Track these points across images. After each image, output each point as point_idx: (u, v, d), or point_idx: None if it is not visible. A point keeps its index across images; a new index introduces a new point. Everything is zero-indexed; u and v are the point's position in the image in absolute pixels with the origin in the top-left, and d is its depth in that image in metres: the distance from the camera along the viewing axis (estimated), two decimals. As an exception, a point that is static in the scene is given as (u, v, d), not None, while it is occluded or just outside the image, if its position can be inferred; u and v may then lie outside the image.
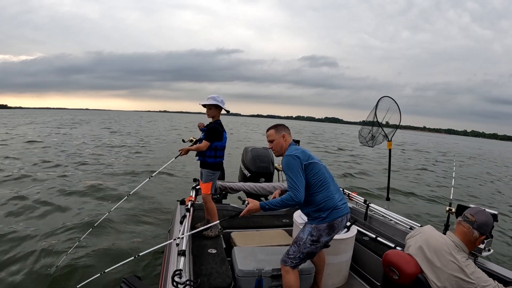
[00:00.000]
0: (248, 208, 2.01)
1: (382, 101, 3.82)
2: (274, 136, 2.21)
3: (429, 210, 7.11)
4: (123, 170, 9.05)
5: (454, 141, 69.63)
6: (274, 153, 2.27)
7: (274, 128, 2.25)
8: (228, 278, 2.13)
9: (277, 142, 2.21)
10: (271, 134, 2.23)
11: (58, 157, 10.74)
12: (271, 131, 2.24)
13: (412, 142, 41.32)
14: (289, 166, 2.00)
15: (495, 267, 2.07)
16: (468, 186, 11.05)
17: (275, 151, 2.24)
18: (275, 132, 2.22)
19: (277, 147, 2.22)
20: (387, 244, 2.76)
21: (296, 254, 2.05)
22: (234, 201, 4.00)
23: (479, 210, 1.75)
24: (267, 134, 2.25)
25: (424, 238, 1.80)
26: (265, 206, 1.98)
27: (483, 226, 1.68)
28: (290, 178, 1.97)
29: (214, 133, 2.79)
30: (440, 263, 1.66)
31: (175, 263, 1.84)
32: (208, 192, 2.88)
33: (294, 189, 1.94)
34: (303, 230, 2.07)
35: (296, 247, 2.06)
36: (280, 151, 2.22)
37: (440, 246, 1.69)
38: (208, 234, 2.79)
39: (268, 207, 1.97)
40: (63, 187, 6.71)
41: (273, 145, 2.22)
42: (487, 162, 21.78)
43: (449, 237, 1.72)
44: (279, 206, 1.95)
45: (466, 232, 1.68)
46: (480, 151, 38.18)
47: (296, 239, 2.08)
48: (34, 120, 38.03)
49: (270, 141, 2.23)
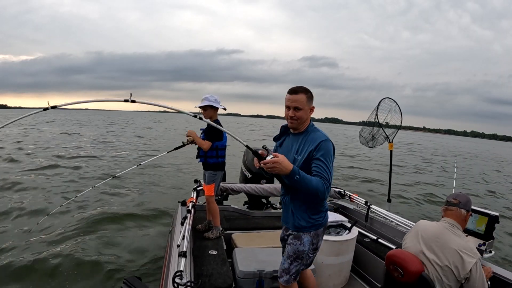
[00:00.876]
0: (277, 159, 1.48)
1: (383, 102, 3.82)
2: (304, 104, 1.68)
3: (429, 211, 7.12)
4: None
5: (456, 142, 69.56)
6: (290, 124, 1.74)
7: (305, 93, 1.69)
8: (229, 279, 2.13)
9: (304, 113, 1.70)
10: (300, 100, 1.67)
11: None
12: (302, 95, 1.68)
13: (416, 143, 41.29)
14: (330, 153, 1.64)
15: (496, 269, 2.07)
16: (468, 186, 11.06)
17: (293, 123, 1.72)
18: (306, 99, 1.69)
19: (302, 120, 1.71)
20: (388, 246, 2.75)
21: (298, 268, 1.80)
22: (235, 202, 4.00)
23: (458, 194, 1.96)
24: (294, 98, 1.68)
25: (421, 228, 1.91)
26: (296, 173, 1.49)
27: (466, 204, 1.88)
28: (327, 166, 1.59)
29: (214, 132, 2.77)
30: (441, 243, 1.75)
31: (176, 264, 1.84)
32: (212, 194, 2.86)
33: (328, 181, 1.58)
34: (302, 243, 1.75)
35: (298, 262, 1.78)
36: (299, 126, 1.74)
37: (439, 229, 1.82)
38: (209, 236, 2.79)
39: (298, 177, 1.50)
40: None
41: (297, 115, 1.68)
42: (493, 162, 21.70)
43: (443, 221, 1.87)
44: (310, 187, 1.53)
45: (455, 213, 1.86)
46: (488, 152, 38.14)
47: (295, 254, 1.77)
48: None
49: (295, 108, 1.67)
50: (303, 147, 1.70)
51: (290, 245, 1.79)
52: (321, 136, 1.68)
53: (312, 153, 1.64)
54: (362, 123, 4.17)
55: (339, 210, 3.74)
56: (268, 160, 1.51)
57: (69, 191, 6.50)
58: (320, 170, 1.59)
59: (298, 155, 1.71)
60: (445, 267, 1.70)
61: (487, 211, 2.28)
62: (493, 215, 2.26)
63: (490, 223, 2.26)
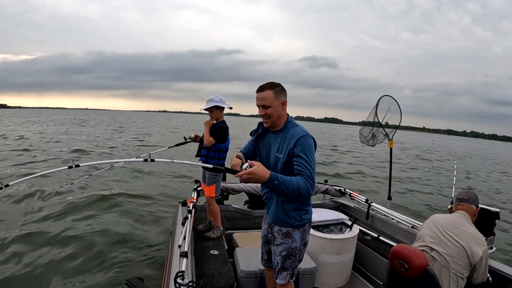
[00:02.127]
0: (252, 170, 1.48)
1: (382, 100, 3.82)
2: (272, 101, 1.63)
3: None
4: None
5: (458, 142, 69.64)
6: (265, 123, 1.71)
7: (271, 88, 1.64)
8: (231, 279, 2.13)
9: (275, 110, 1.65)
10: (267, 97, 1.63)
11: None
12: (268, 92, 1.63)
13: (416, 143, 41.31)
14: (310, 148, 1.59)
15: (497, 265, 2.07)
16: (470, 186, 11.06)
17: (267, 122, 1.69)
18: (273, 95, 1.64)
19: (274, 117, 1.66)
20: (389, 243, 2.75)
21: (293, 264, 1.77)
22: (236, 202, 4.00)
23: (467, 191, 2.14)
24: (260, 96, 1.65)
25: (436, 218, 2.03)
26: (274, 179, 1.49)
27: (476, 199, 2.06)
28: (308, 163, 1.55)
29: (222, 133, 2.76)
30: (458, 228, 1.88)
31: (177, 265, 1.84)
32: (213, 195, 2.85)
33: (311, 178, 1.54)
34: (293, 240, 1.71)
35: (292, 259, 1.74)
36: (275, 123, 1.69)
37: (455, 217, 1.96)
38: (210, 235, 2.79)
39: (277, 183, 1.49)
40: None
41: (267, 113, 1.64)
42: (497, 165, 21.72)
43: (457, 213, 2.01)
44: (291, 189, 1.50)
45: (466, 208, 2.01)
46: (485, 151, 38.20)
47: (287, 252, 1.72)
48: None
49: (264, 107, 1.64)
50: (283, 145, 1.65)
51: (281, 244, 1.73)
52: (299, 132, 1.62)
53: (292, 150, 1.60)
54: (362, 123, 4.17)
55: (340, 208, 3.74)
56: (242, 172, 1.50)
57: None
58: (301, 167, 1.55)
59: (279, 153, 1.67)
60: (461, 249, 1.78)
61: (488, 207, 2.29)
62: (493, 211, 2.27)
63: (490, 219, 2.27)
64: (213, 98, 2.77)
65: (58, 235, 4.20)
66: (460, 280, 1.77)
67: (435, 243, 1.87)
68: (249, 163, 1.51)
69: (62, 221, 4.78)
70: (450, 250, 1.80)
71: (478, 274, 1.81)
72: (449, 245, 1.81)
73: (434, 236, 1.90)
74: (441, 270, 1.79)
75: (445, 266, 1.78)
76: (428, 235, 1.94)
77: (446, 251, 1.80)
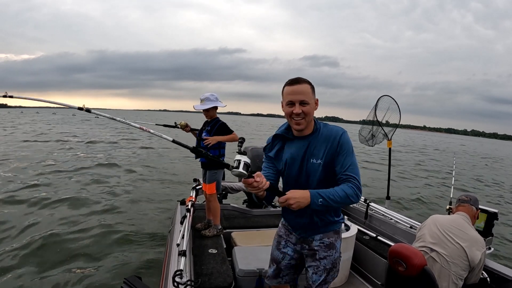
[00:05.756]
0: (288, 196, 1.29)
1: (381, 100, 3.81)
2: (311, 96, 1.40)
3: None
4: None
5: (459, 141, 69.60)
6: (297, 125, 1.41)
7: (308, 82, 1.41)
8: (229, 278, 2.14)
9: (312, 109, 1.41)
10: (307, 91, 1.38)
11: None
12: (306, 86, 1.39)
13: (417, 142, 41.29)
14: (351, 146, 1.40)
15: (495, 265, 2.08)
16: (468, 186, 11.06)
17: (301, 124, 1.40)
18: (311, 90, 1.41)
19: (310, 117, 1.41)
20: (387, 243, 2.76)
21: (334, 276, 1.57)
22: (234, 201, 4.01)
23: (467, 194, 2.16)
24: (299, 89, 1.38)
25: (437, 218, 2.03)
26: (317, 197, 1.28)
27: (476, 202, 2.09)
28: (353, 163, 1.36)
29: (227, 129, 2.77)
30: (459, 228, 1.88)
31: (175, 263, 1.84)
32: (214, 192, 2.84)
33: (358, 180, 1.35)
34: (336, 249, 1.53)
35: (333, 270, 1.55)
36: (307, 125, 1.42)
37: (456, 218, 1.97)
38: (207, 233, 2.80)
39: (321, 201, 1.28)
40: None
41: (305, 111, 1.37)
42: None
43: (457, 214, 2.02)
44: (339, 201, 1.30)
45: (467, 209, 2.03)
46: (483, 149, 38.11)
47: (332, 265, 1.53)
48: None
49: (302, 103, 1.37)
50: (319, 148, 1.42)
51: (325, 258, 1.52)
52: (338, 129, 1.42)
53: (334, 152, 1.38)
54: (362, 121, 4.17)
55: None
56: (283, 198, 1.29)
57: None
58: (346, 169, 1.35)
59: (315, 158, 1.42)
60: (461, 251, 1.78)
61: (486, 208, 2.30)
62: (492, 212, 2.28)
63: (489, 220, 2.28)
64: (209, 97, 2.73)
65: (57, 235, 4.21)
66: (459, 281, 1.78)
67: (436, 244, 1.87)
68: (256, 175, 1.28)
69: (61, 220, 4.79)
70: (451, 251, 1.80)
71: (472, 275, 1.83)
72: (449, 246, 1.82)
73: (435, 236, 1.90)
74: (441, 271, 1.79)
75: (446, 268, 1.78)
76: (428, 235, 1.94)
77: (447, 252, 1.81)
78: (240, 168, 1.22)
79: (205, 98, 2.74)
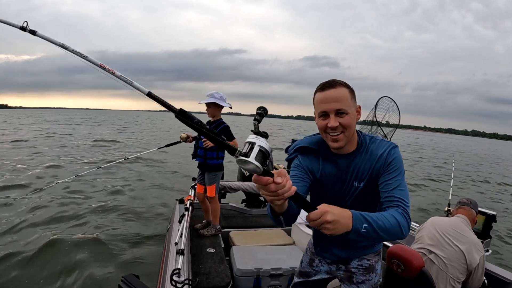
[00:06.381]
0: (326, 209, 0.83)
1: (381, 102, 3.81)
2: (350, 104, 1.09)
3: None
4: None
5: (459, 142, 69.53)
6: (334, 143, 1.11)
7: (346, 86, 1.10)
8: (227, 277, 2.14)
9: (353, 120, 1.10)
10: (344, 97, 1.08)
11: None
12: (343, 90, 1.09)
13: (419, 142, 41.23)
14: (402, 165, 1.12)
15: (493, 268, 2.08)
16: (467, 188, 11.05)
17: (340, 141, 1.10)
18: (350, 95, 1.10)
19: (351, 131, 1.11)
20: (385, 244, 2.75)
21: None
22: (233, 200, 4.01)
23: (468, 198, 2.17)
24: (334, 94, 1.07)
25: (435, 221, 2.03)
26: (362, 222, 0.88)
27: (476, 206, 2.10)
28: (403, 185, 1.08)
29: (229, 132, 2.71)
30: (458, 232, 1.88)
31: (173, 262, 1.84)
32: (213, 195, 2.81)
33: (407, 207, 1.02)
34: (376, 272, 1.35)
35: None
36: (347, 140, 1.12)
37: (455, 221, 1.96)
38: (204, 233, 2.79)
39: (367, 227, 0.89)
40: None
41: (344, 123, 1.08)
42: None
43: (457, 217, 2.01)
44: (387, 231, 0.93)
45: (467, 212, 2.04)
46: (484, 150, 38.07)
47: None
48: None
49: (339, 113, 1.07)
50: (363, 168, 1.15)
51: (364, 282, 1.33)
52: (387, 143, 1.15)
53: (378, 170, 1.12)
54: (362, 122, 4.16)
55: None
56: (315, 217, 0.82)
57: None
58: (396, 192, 1.04)
59: (357, 182, 1.16)
60: (459, 254, 1.78)
61: (485, 210, 2.29)
62: (490, 214, 2.27)
63: (487, 222, 2.28)
64: (213, 94, 2.67)
65: (56, 234, 4.21)
66: (456, 284, 1.78)
67: (434, 246, 1.87)
68: (275, 173, 0.75)
69: (60, 220, 4.80)
70: (449, 254, 1.80)
71: (474, 279, 1.82)
72: (448, 249, 1.81)
73: (433, 238, 1.90)
74: (438, 273, 1.79)
75: (443, 270, 1.78)
76: (427, 238, 1.93)
77: (445, 254, 1.81)
78: (251, 157, 0.72)
79: (210, 95, 2.67)
